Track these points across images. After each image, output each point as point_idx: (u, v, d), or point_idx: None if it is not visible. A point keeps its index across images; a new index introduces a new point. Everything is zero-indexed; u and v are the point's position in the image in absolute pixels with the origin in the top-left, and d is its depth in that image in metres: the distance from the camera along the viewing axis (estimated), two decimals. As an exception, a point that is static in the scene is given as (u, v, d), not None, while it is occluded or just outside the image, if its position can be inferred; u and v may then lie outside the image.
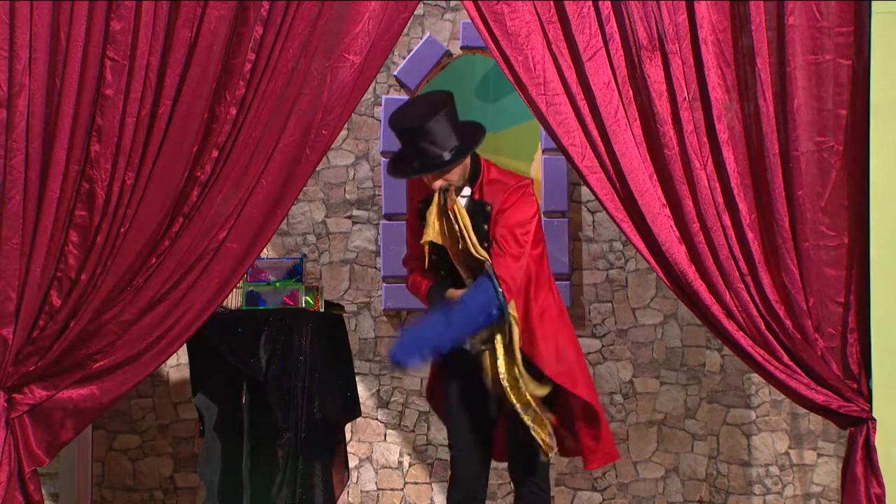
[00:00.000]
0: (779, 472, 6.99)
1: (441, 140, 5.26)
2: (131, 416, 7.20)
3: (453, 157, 5.27)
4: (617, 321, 7.29)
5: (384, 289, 7.25)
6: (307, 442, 6.09)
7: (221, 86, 5.17)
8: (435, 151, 5.25)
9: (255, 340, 6.12)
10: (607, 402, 7.24)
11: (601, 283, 7.29)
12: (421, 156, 5.27)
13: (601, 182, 5.24)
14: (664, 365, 7.25)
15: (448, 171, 5.30)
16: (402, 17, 5.26)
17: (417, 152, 5.27)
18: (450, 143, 5.27)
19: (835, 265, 5.21)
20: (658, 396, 7.25)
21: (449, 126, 5.27)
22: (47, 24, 5.10)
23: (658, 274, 5.26)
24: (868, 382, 5.18)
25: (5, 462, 5.11)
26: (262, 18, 5.15)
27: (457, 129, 5.29)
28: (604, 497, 7.26)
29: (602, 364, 7.28)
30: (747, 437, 7.02)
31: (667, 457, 7.26)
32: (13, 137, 5.10)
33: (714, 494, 7.14)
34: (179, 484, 7.22)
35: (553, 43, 5.23)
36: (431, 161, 5.26)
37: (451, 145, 5.27)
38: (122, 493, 7.19)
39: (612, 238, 7.26)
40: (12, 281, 5.12)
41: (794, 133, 5.19)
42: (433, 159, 5.26)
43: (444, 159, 5.26)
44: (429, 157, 5.26)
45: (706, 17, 5.19)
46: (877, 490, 5.13)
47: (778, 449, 6.99)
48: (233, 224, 5.20)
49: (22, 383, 5.18)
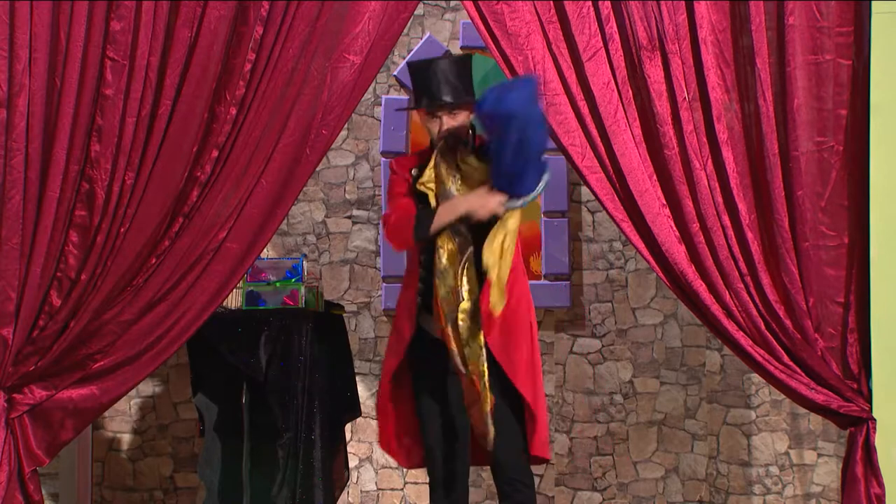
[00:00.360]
0: (779, 472, 6.99)
1: (464, 82, 5.14)
2: (131, 416, 7.20)
3: (472, 98, 5.12)
4: (617, 321, 7.29)
5: (384, 289, 7.25)
6: (307, 442, 6.09)
7: (221, 86, 5.18)
8: (461, 87, 5.10)
9: (255, 340, 6.12)
10: (607, 402, 7.24)
11: (601, 283, 7.29)
12: (452, 89, 5.07)
13: (601, 182, 5.24)
14: (664, 365, 7.25)
15: (467, 107, 5.09)
16: (402, 17, 5.26)
17: (449, 85, 5.07)
18: (468, 89, 5.15)
19: (835, 265, 5.21)
20: (658, 396, 7.25)
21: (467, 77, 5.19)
22: (47, 24, 5.10)
23: (658, 274, 5.26)
24: (868, 382, 5.18)
25: (5, 462, 5.11)
26: (262, 18, 5.15)
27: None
28: (604, 497, 7.26)
29: (602, 364, 7.28)
30: (747, 437, 7.02)
31: (667, 457, 7.26)
32: (13, 137, 5.11)
33: (714, 494, 7.14)
34: (179, 484, 7.22)
35: (553, 43, 5.23)
36: (458, 95, 5.08)
37: (468, 90, 5.15)
38: (122, 493, 7.19)
39: (612, 238, 7.26)
40: (12, 281, 5.12)
41: (794, 133, 5.19)
42: (460, 93, 5.08)
43: (468, 96, 5.11)
44: (458, 91, 5.08)
45: (706, 17, 5.19)
46: (877, 490, 5.13)
47: (778, 449, 6.99)
48: (233, 224, 5.21)
49: (22, 383, 5.18)
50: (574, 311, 7.24)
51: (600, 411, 7.25)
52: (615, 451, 7.27)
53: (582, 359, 7.28)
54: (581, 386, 7.24)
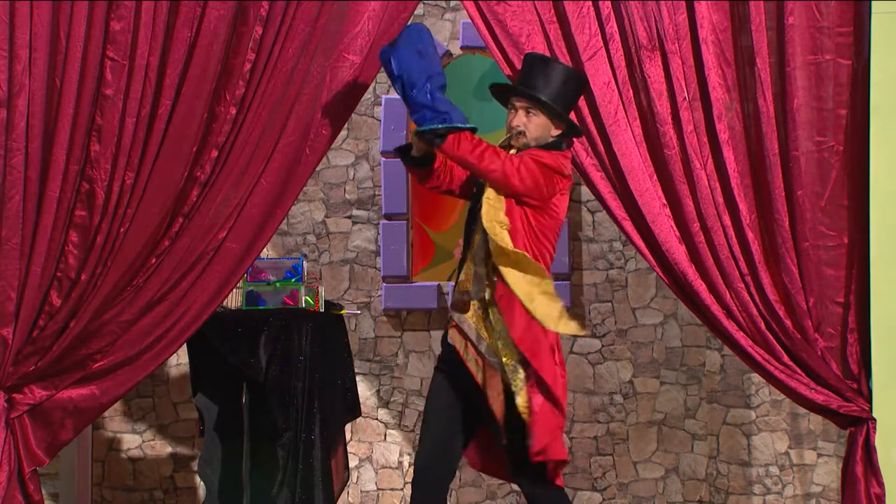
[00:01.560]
0: (779, 472, 6.99)
1: (567, 96, 5.02)
2: (131, 416, 7.20)
3: (555, 101, 4.98)
4: (617, 321, 7.28)
5: (384, 289, 7.25)
6: (307, 442, 6.09)
7: (221, 86, 5.18)
8: (561, 97, 4.96)
9: (255, 340, 6.11)
10: (607, 402, 7.24)
11: (601, 283, 7.29)
12: (551, 91, 4.94)
13: (602, 181, 5.24)
14: (664, 365, 7.25)
15: (542, 108, 4.96)
16: (402, 17, 5.26)
17: (549, 87, 4.93)
18: (565, 103, 5.03)
19: (835, 265, 5.21)
20: (658, 396, 7.25)
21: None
22: (47, 24, 5.10)
23: (658, 274, 5.26)
24: (868, 382, 5.18)
25: (5, 462, 5.11)
26: (262, 18, 5.15)
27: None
28: (604, 497, 7.26)
29: (602, 364, 7.28)
30: (747, 437, 7.02)
31: (667, 457, 7.25)
32: (13, 137, 5.11)
33: (714, 494, 7.14)
34: (179, 484, 7.22)
35: (553, 43, 5.23)
36: (552, 97, 4.94)
37: (563, 104, 5.02)
38: (122, 493, 7.19)
39: (612, 238, 7.26)
40: (12, 281, 5.12)
41: (794, 133, 5.19)
42: (555, 98, 4.95)
43: (560, 107, 4.97)
44: (555, 95, 4.94)
45: (706, 17, 5.19)
46: (877, 490, 5.13)
47: (778, 449, 6.99)
48: (233, 224, 5.21)
49: (22, 383, 5.18)
50: (574, 311, 7.23)
51: (600, 411, 7.25)
52: (615, 451, 7.27)
53: (582, 359, 7.28)
54: (581, 386, 7.24)
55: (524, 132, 4.96)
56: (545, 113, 4.95)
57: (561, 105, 4.95)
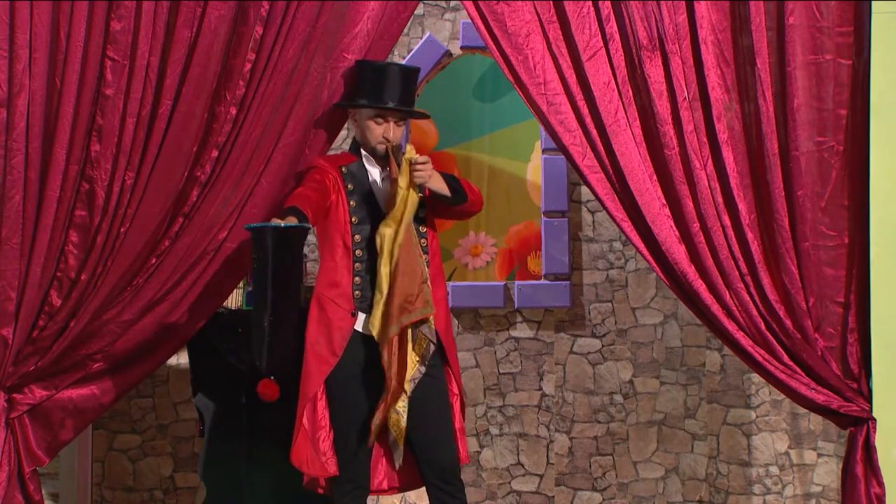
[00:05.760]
0: (779, 472, 6.99)
1: (412, 94, 5.27)
2: (131, 416, 7.19)
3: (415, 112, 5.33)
4: (617, 321, 7.28)
5: (384, 289, 7.24)
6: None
7: (221, 86, 5.18)
8: (410, 99, 5.22)
9: (255, 340, 6.11)
10: (607, 402, 7.24)
11: (601, 283, 7.28)
12: (407, 97, 5.17)
13: (601, 182, 5.24)
14: (664, 365, 7.25)
15: (407, 120, 5.33)
16: (402, 17, 5.27)
17: (405, 92, 5.16)
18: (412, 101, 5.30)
19: (835, 265, 5.22)
20: (658, 396, 7.25)
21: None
22: (47, 24, 5.10)
23: (658, 274, 5.26)
24: (868, 382, 5.19)
25: (5, 462, 5.11)
26: (262, 18, 5.16)
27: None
28: (604, 497, 7.26)
29: (602, 364, 7.28)
30: (747, 437, 7.02)
31: (667, 457, 7.25)
32: (13, 137, 5.11)
33: (714, 494, 7.14)
34: (179, 484, 7.22)
35: (553, 43, 5.23)
36: (410, 105, 5.21)
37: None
38: (122, 493, 7.19)
39: (612, 238, 7.26)
40: (12, 281, 5.12)
41: (794, 133, 5.19)
42: (411, 104, 5.21)
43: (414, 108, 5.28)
44: (411, 101, 5.21)
45: (706, 17, 5.20)
46: (877, 490, 5.13)
47: (778, 449, 6.99)
48: (233, 224, 5.21)
49: (22, 383, 5.18)
50: (574, 311, 7.23)
51: (600, 411, 7.25)
52: (615, 451, 7.27)
53: (582, 359, 7.28)
54: (581, 386, 7.24)
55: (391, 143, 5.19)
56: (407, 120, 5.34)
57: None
